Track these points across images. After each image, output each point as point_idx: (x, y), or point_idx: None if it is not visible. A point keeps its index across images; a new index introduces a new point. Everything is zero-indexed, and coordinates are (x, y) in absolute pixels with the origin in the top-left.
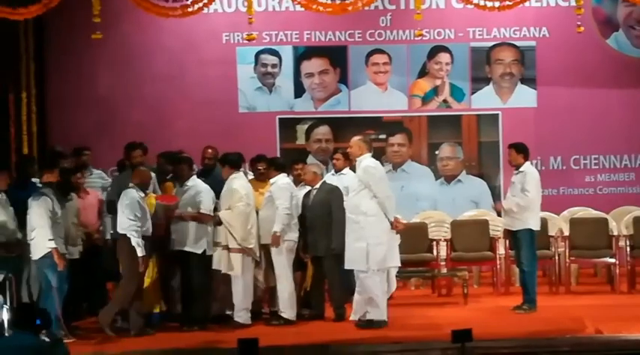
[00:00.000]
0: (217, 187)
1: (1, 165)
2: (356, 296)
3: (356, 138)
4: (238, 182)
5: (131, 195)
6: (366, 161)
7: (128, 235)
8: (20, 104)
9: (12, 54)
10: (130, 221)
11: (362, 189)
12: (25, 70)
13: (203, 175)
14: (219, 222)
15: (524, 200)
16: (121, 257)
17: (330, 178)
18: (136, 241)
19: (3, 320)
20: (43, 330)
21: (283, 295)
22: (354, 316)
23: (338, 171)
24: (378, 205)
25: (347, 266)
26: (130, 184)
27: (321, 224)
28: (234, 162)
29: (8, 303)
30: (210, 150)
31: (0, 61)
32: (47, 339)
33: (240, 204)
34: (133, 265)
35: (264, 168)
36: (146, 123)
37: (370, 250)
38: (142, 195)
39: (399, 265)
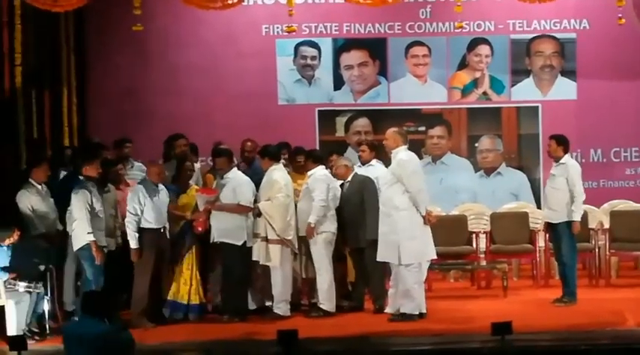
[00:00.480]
0: (256, 179)
1: (39, 157)
2: (391, 290)
3: (391, 131)
4: (278, 173)
5: (134, 190)
6: (401, 154)
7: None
8: (60, 96)
9: (52, 46)
10: (128, 214)
11: (395, 182)
12: (65, 63)
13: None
14: (260, 214)
15: (579, 196)
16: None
17: (358, 170)
18: (130, 233)
19: (44, 311)
20: (107, 318)
21: (322, 286)
22: (389, 309)
23: (364, 163)
24: (410, 199)
25: (379, 259)
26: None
27: (359, 215)
28: (273, 153)
29: (49, 294)
30: (249, 143)
31: (41, 53)
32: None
33: (280, 195)
34: (142, 257)
35: (303, 161)
36: (185, 116)
37: (402, 244)
38: (153, 187)
39: (435, 257)
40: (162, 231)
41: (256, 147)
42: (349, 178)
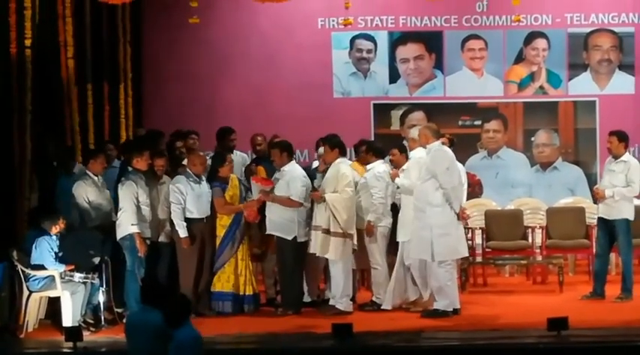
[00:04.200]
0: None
1: (96, 148)
2: (390, 285)
3: (422, 127)
4: (345, 167)
5: (174, 181)
6: (436, 148)
7: (172, 218)
8: (117, 87)
9: (110, 35)
10: (172, 204)
11: (429, 178)
12: (122, 53)
13: (257, 161)
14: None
15: (631, 191)
16: (175, 238)
17: None
18: (177, 223)
19: (99, 302)
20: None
21: (378, 280)
22: (385, 305)
23: None
24: (444, 196)
25: (412, 256)
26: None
27: None
28: (342, 146)
29: (104, 286)
30: (259, 138)
31: (97, 43)
32: None
33: (348, 189)
34: (184, 247)
35: (363, 152)
36: (241, 107)
37: (435, 241)
38: (193, 178)
39: (466, 255)
40: (205, 221)
41: (265, 141)
42: None
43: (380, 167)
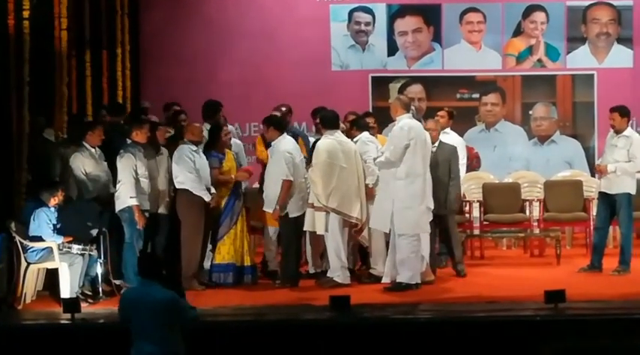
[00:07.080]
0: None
1: (94, 120)
2: (388, 259)
3: (393, 99)
4: (324, 141)
5: (181, 151)
6: (403, 122)
7: (190, 189)
8: (115, 59)
9: (108, 9)
10: (187, 174)
11: None
12: (120, 26)
13: None
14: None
15: (633, 167)
16: (179, 210)
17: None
18: (200, 192)
19: (97, 274)
20: (168, 282)
21: (375, 251)
22: (385, 279)
23: (441, 129)
24: (385, 163)
25: (371, 226)
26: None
27: (443, 182)
28: (328, 121)
29: (102, 257)
30: (283, 108)
31: (96, 16)
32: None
33: (316, 162)
34: (192, 217)
35: (373, 123)
36: (238, 81)
37: (396, 213)
38: (194, 148)
39: (428, 231)
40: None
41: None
42: (436, 144)
43: (365, 135)
